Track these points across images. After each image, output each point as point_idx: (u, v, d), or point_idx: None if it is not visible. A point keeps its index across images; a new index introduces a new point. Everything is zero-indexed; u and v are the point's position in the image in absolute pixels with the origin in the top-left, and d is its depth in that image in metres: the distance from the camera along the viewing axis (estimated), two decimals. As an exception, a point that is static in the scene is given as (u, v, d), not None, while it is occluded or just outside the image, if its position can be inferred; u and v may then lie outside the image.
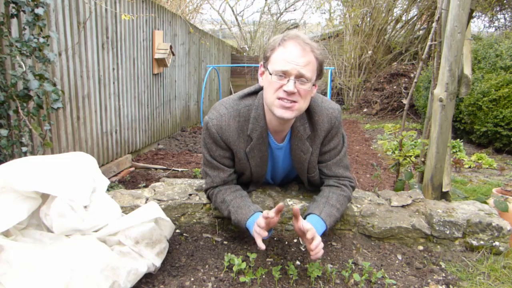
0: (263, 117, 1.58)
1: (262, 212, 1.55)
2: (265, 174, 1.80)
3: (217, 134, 1.59)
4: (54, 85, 2.19)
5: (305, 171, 1.73)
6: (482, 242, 1.72)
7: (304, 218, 1.55)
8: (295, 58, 1.41)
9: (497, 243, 1.71)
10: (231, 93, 10.29)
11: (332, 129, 1.64)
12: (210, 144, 1.63)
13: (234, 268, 1.44)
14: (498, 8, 10.13)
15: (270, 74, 1.45)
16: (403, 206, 1.87)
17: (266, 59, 1.49)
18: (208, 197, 1.78)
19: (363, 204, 1.87)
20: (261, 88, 1.59)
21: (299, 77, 1.42)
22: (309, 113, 1.62)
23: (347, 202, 1.70)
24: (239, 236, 1.76)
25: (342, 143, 1.73)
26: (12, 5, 2.11)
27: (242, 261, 1.48)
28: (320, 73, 1.50)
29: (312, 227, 1.39)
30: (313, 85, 1.48)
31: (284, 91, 1.42)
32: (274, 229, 1.79)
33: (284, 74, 1.42)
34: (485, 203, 2.04)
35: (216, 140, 1.60)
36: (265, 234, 1.39)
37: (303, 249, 1.68)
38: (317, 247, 1.37)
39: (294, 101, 1.44)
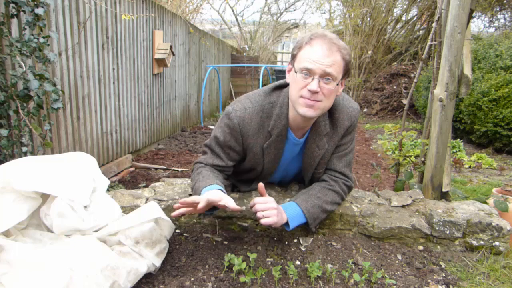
0: (286, 116, 1.60)
1: (222, 189, 1.52)
2: (274, 172, 1.81)
3: (238, 125, 1.59)
4: (54, 85, 2.20)
5: (313, 167, 1.74)
6: (482, 242, 1.72)
7: None
8: (321, 57, 1.41)
9: (497, 243, 1.71)
10: (231, 93, 10.30)
11: (350, 127, 1.68)
12: (227, 132, 1.63)
13: (234, 268, 1.44)
14: (498, 8, 10.13)
15: (296, 72, 1.46)
16: (403, 206, 1.87)
17: (293, 57, 1.51)
18: (193, 169, 1.76)
19: (363, 204, 1.87)
20: (287, 84, 1.60)
21: (324, 76, 1.42)
22: (330, 110, 1.64)
23: (333, 194, 1.70)
24: (239, 236, 1.76)
25: (351, 140, 1.75)
26: (12, 5, 2.12)
27: (242, 261, 1.48)
28: (346, 72, 1.50)
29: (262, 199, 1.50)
30: (338, 84, 1.48)
31: (308, 90, 1.43)
32: (274, 229, 1.79)
33: (309, 73, 1.43)
34: (485, 203, 2.04)
35: (234, 130, 1.60)
36: (195, 201, 1.38)
37: (303, 249, 1.68)
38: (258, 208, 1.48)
39: (318, 100, 1.46)
